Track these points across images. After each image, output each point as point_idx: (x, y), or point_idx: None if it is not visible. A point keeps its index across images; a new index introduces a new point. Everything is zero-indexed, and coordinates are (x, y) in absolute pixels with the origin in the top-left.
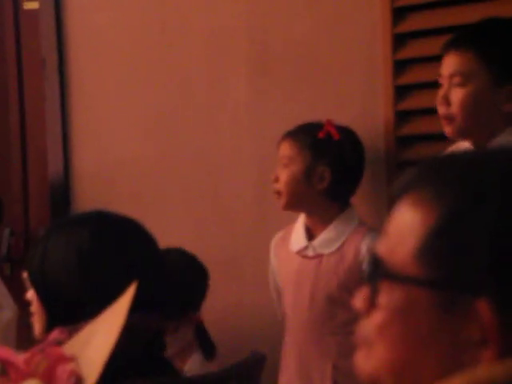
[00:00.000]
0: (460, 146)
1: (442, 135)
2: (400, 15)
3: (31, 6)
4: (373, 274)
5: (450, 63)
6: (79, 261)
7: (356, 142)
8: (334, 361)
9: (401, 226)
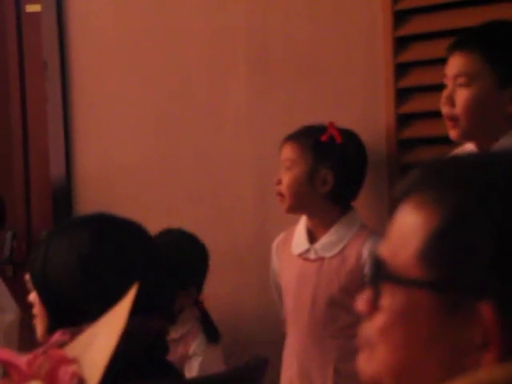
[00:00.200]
0: (465, 149)
1: (443, 138)
2: (401, 18)
3: (33, 9)
4: (375, 276)
5: (455, 64)
6: (80, 263)
7: (359, 144)
8: (335, 364)
9: (403, 228)
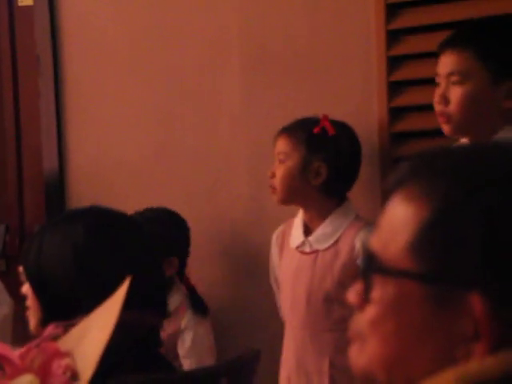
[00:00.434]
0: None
1: (436, 131)
2: (394, 12)
3: (26, 3)
4: (366, 268)
5: (448, 62)
6: (74, 256)
7: (352, 136)
8: (330, 357)
9: (394, 220)
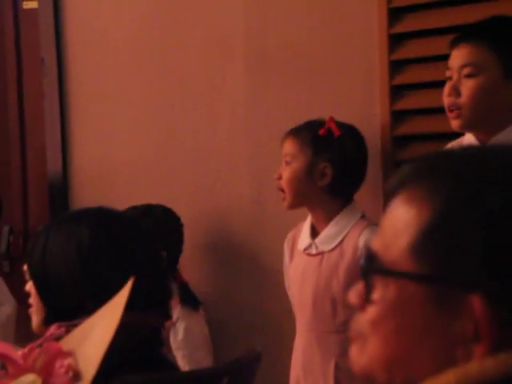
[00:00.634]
0: (462, 141)
1: (438, 135)
2: (396, 16)
3: (31, 6)
4: (367, 269)
5: (461, 55)
6: (79, 256)
7: (358, 138)
8: (336, 359)
9: (395, 221)
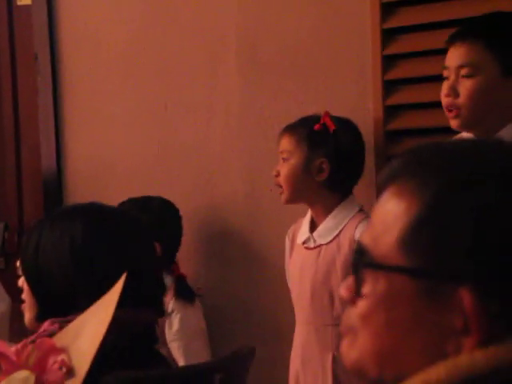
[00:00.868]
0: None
1: (431, 129)
2: (389, 10)
3: (24, 2)
4: (357, 263)
5: (458, 54)
6: (72, 252)
7: (354, 131)
8: (334, 352)
9: (385, 215)
